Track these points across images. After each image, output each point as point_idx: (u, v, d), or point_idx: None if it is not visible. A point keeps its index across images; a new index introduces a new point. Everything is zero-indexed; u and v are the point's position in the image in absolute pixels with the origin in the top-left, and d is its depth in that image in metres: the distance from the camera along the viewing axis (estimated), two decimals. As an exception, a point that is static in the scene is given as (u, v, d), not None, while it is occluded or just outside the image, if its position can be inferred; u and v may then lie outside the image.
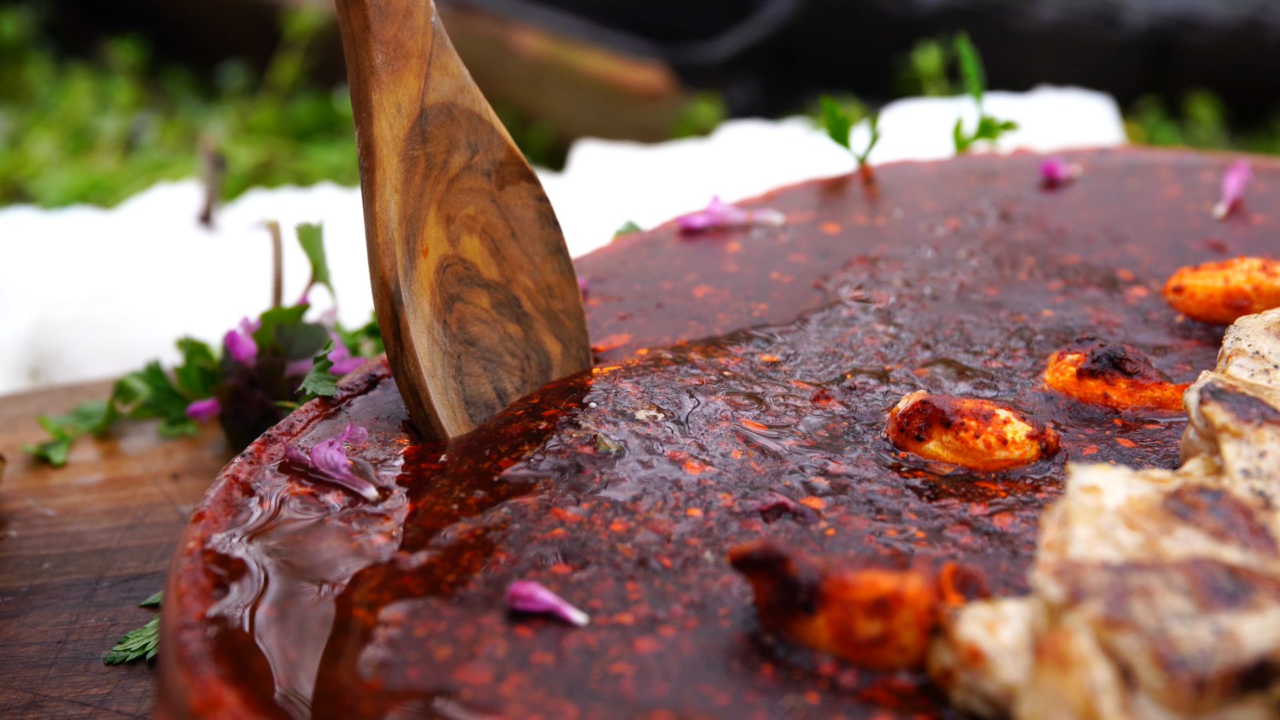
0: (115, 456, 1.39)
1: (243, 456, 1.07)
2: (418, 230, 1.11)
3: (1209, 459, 0.96)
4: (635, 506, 1.01)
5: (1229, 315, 1.19)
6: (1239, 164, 1.40)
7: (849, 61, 2.39)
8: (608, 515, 1.00)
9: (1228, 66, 2.39)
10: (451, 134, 1.13)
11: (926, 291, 1.27)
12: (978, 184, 1.43)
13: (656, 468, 1.04)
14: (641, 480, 1.03)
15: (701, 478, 1.04)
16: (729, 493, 1.02)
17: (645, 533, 0.99)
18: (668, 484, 1.03)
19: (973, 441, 1.05)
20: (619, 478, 1.04)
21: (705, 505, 1.01)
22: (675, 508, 1.01)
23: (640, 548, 0.98)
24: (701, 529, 0.99)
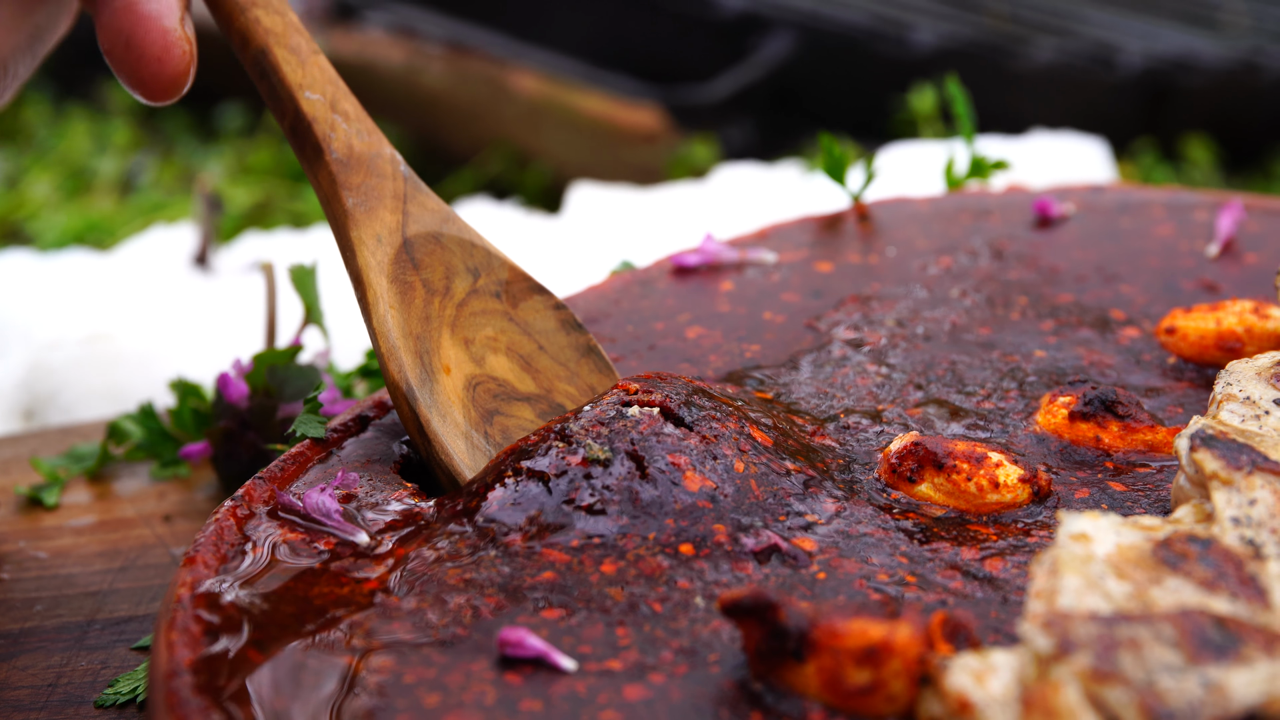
0: (108, 498, 1.38)
1: (233, 500, 1.07)
2: (431, 349, 1.12)
3: (1200, 505, 0.96)
4: (624, 543, 1.00)
5: (1221, 357, 1.19)
6: (1232, 203, 1.40)
7: (845, 103, 2.40)
8: (597, 555, 1.00)
9: (1223, 108, 2.39)
10: (446, 261, 1.14)
11: (919, 331, 1.27)
12: (971, 222, 1.43)
13: (653, 482, 1.03)
14: (634, 501, 1.02)
15: (698, 498, 1.03)
16: (723, 524, 1.02)
17: (636, 574, 0.98)
18: (662, 511, 1.02)
19: (965, 484, 1.05)
20: (610, 500, 1.03)
21: (698, 541, 1.01)
22: (666, 543, 1.00)
23: (630, 592, 0.97)
24: (693, 571, 0.99)
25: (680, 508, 1.02)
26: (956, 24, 2.37)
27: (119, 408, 1.58)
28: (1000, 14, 2.39)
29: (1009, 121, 2.30)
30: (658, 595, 0.97)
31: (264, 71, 1.14)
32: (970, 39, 2.37)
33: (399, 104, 2.51)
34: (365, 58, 2.52)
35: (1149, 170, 2.28)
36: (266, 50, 1.14)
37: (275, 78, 1.14)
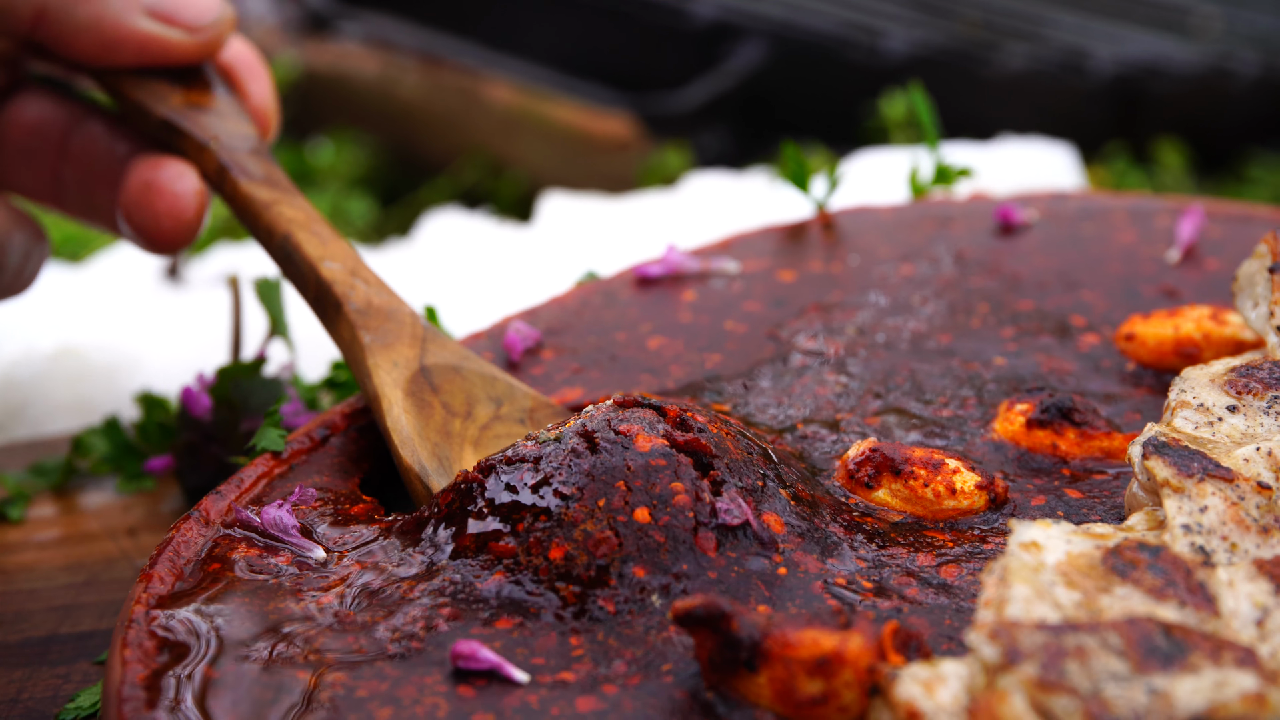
0: (73, 512, 1.38)
1: (191, 515, 1.07)
2: (452, 457, 1.13)
3: (1152, 513, 0.96)
4: (573, 516, 0.99)
5: (1179, 363, 1.19)
6: (1193, 209, 1.40)
7: (817, 110, 2.41)
8: (543, 539, 0.99)
9: (1194, 112, 2.40)
10: (467, 390, 1.16)
11: (879, 340, 1.27)
12: (934, 229, 1.44)
13: (604, 451, 1.02)
14: (585, 472, 1.01)
15: (650, 457, 1.01)
16: (681, 483, 1.01)
17: (587, 561, 0.98)
18: (615, 472, 1.01)
19: (922, 490, 1.05)
20: (553, 472, 1.01)
21: (655, 504, 1.00)
22: (620, 509, 0.99)
23: (581, 591, 0.97)
24: (649, 548, 0.98)
25: (633, 469, 1.02)
26: (928, 31, 2.37)
27: (86, 420, 1.58)
28: (972, 20, 2.39)
29: (981, 128, 2.30)
30: (609, 592, 0.97)
31: (288, 253, 1.21)
32: (942, 46, 2.37)
33: (374, 115, 2.51)
34: (340, 69, 2.52)
35: (1121, 175, 2.29)
36: (290, 235, 1.22)
37: (298, 255, 1.21)
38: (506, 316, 1.31)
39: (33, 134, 1.35)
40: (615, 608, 0.96)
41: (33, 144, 1.35)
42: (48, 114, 1.35)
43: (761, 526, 1.00)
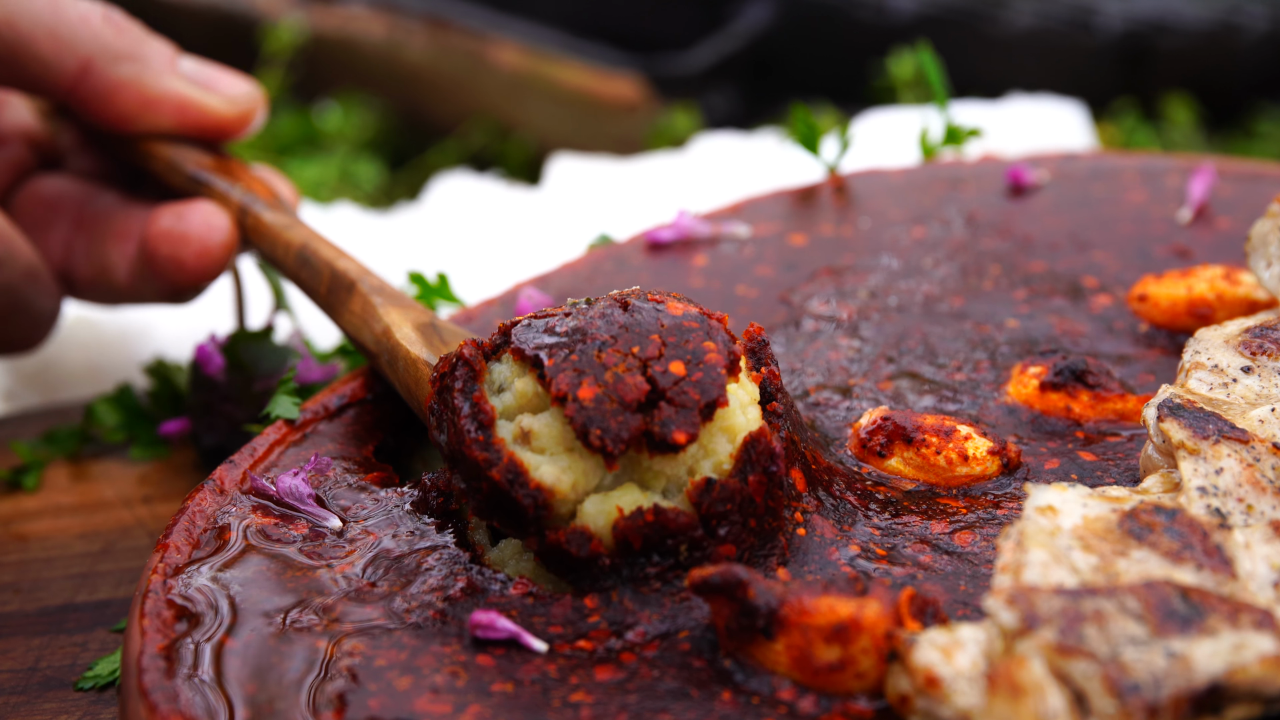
0: (88, 480, 1.39)
1: (206, 484, 1.07)
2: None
3: (1168, 475, 0.97)
4: (605, 358, 0.97)
5: (1193, 324, 1.19)
6: (1204, 168, 1.40)
7: (825, 70, 2.40)
8: (573, 378, 0.96)
9: (1203, 68, 2.39)
10: None
11: (892, 303, 1.27)
12: (944, 191, 1.43)
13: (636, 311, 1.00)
14: (620, 324, 0.99)
15: (683, 320, 1.00)
16: (713, 342, 0.99)
17: (615, 405, 0.95)
18: (649, 327, 0.99)
19: (934, 458, 1.05)
20: (586, 323, 0.99)
21: (689, 359, 0.98)
22: (655, 359, 0.97)
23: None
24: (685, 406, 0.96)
25: (667, 326, 1.00)
26: (935, -12, 2.36)
27: (98, 387, 1.58)
28: (980, -23, 2.38)
29: (989, 86, 2.29)
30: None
31: (305, 259, 1.25)
32: (949, 4, 2.36)
33: (380, 79, 2.50)
34: (346, 33, 2.51)
35: (1130, 132, 2.28)
36: (307, 243, 1.26)
37: (315, 258, 1.25)
38: (518, 283, 1.31)
39: (48, 208, 1.38)
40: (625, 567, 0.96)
41: (48, 217, 1.38)
42: (64, 189, 1.39)
43: (788, 481, 1.01)
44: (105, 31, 1.31)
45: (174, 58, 1.34)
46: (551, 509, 0.97)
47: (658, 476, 0.97)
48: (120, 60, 1.31)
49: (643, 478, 0.98)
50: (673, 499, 0.97)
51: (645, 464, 0.97)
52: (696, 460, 0.97)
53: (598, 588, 0.95)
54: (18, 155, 1.41)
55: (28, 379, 1.60)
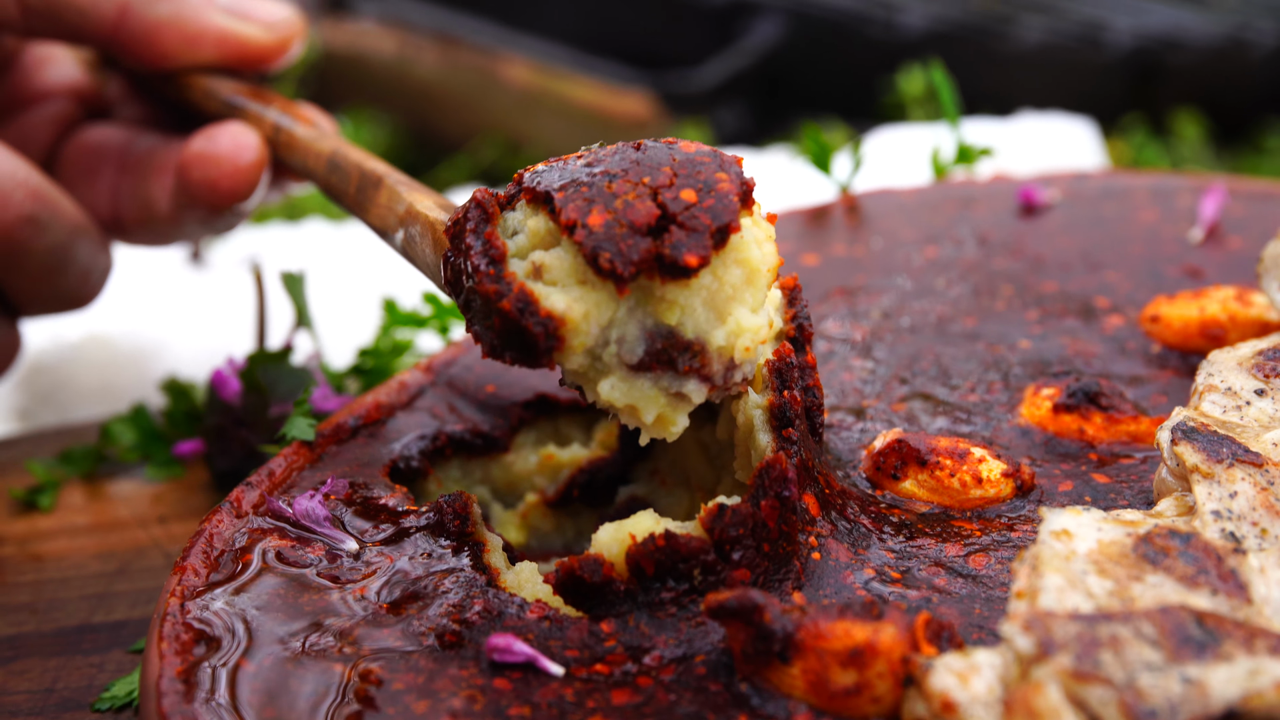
0: (103, 500, 1.39)
1: (223, 506, 1.08)
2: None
3: (1182, 498, 0.97)
4: (615, 188, 0.96)
5: (1205, 345, 1.19)
6: (1215, 187, 1.40)
7: (835, 85, 2.40)
8: (583, 207, 0.95)
9: (1212, 84, 2.39)
10: None
11: (905, 324, 1.27)
12: (956, 211, 1.44)
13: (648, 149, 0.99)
14: (632, 160, 0.98)
15: (696, 155, 0.99)
16: (726, 173, 0.98)
17: (625, 229, 0.95)
18: (661, 160, 0.98)
19: (948, 480, 1.06)
20: (596, 160, 0.98)
21: (700, 188, 0.97)
22: (666, 187, 0.96)
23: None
24: (696, 230, 0.95)
25: (678, 159, 0.98)
26: (945, 5, 2.37)
27: (114, 406, 1.59)
28: (989, -8, 2.39)
29: (999, 102, 2.30)
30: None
31: (335, 164, 1.26)
32: (959, 20, 2.37)
33: (391, 94, 2.52)
34: (357, 49, 2.52)
35: (1140, 147, 2.28)
36: (336, 150, 1.27)
37: (345, 161, 1.25)
38: (532, 303, 1.32)
39: (94, 156, 1.40)
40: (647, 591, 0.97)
41: (94, 165, 1.40)
42: (109, 137, 1.41)
43: (802, 506, 1.01)
44: None
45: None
46: (563, 340, 0.96)
47: (671, 308, 0.96)
48: (156, 0, 1.33)
49: (656, 310, 0.96)
50: (687, 334, 0.96)
51: (658, 293, 0.96)
52: (713, 294, 0.96)
53: (614, 613, 0.96)
54: (63, 110, 1.43)
55: (42, 397, 1.60)
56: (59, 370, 1.62)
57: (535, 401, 1.21)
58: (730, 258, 0.96)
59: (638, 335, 0.97)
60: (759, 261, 0.97)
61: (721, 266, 0.96)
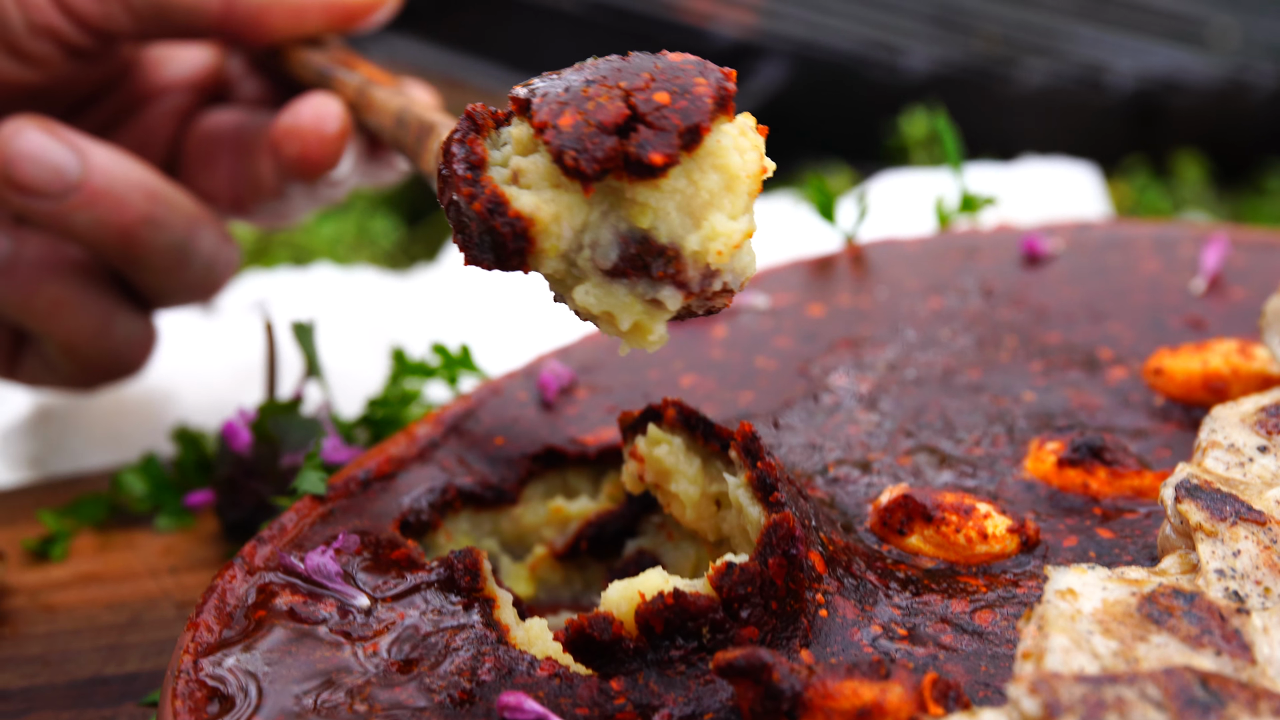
0: (114, 550, 1.40)
1: (235, 561, 1.09)
2: None
3: (1185, 556, 0.98)
4: (591, 93, 0.95)
5: (1208, 398, 1.20)
6: (1217, 237, 1.41)
7: (839, 128, 2.42)
8: (556, 109, 0.95)
9: (1213, 125, 2.41)
10: None
11: (910, 376, 1.28)
12: (960, 261, 1.45)
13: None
14: (615, 67, 0.97)
15: (682, 62, 0.97)
16: (705, 79, 0.96)
17: (593, 128, 0.94)
18: (644, 67, 0.97)
19: (954, 536, 1.07)
20: (585, 66, 0.98)
21: (675, 90, 0.95)
22: (640, 89, 0.95)
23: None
24: (664, 129, 0.93)
25: (660, 66, 0.96)
26: (948, 48, 2.39)
27: (123, 454, 1.60)
28: (991, 35, 2.40)
29: (1002, 144, 2.31)
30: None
31: (401, 120, 1.29)
32: (962, 64, 2.38)
33: (396, 134, 2.53)
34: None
35: (1141, 189, 2.30)
36: (404, 106, 1.29)
37: (408, 115, 1.28)
38: (540, 355, 1.33)
39: (213, 143, 1.47)
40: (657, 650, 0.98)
41: (213, 151, 1.46)
42: (224, 121, 1.47)
43: (808, 564, 1.02)
44: None
45: None
46: (534, 242, 0.96)
47: (643, 211, 0.95)
48: None
49: (629, 213, 0.96)
50: (661, 238, 0.95)
51: (629, 195, 0.95)
52: (688, 199, 0.95)
53: (623, 670, 0.97)
54: (182, 102, 1.50)
55: (52, 445, 1.61)
56: (69, 418, 1.63)
57: (543, 454, 1.22)
58: (707, 162, 0.95)
59: (611, 239, 0.96)
60: (738, 168, 0.95)
61: (697, 171, 0.95)
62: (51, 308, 1.41)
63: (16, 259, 1.40)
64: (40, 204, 1.34)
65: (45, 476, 1.58)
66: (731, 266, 0.97)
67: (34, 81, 1.40)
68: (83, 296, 1.42)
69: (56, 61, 1.40)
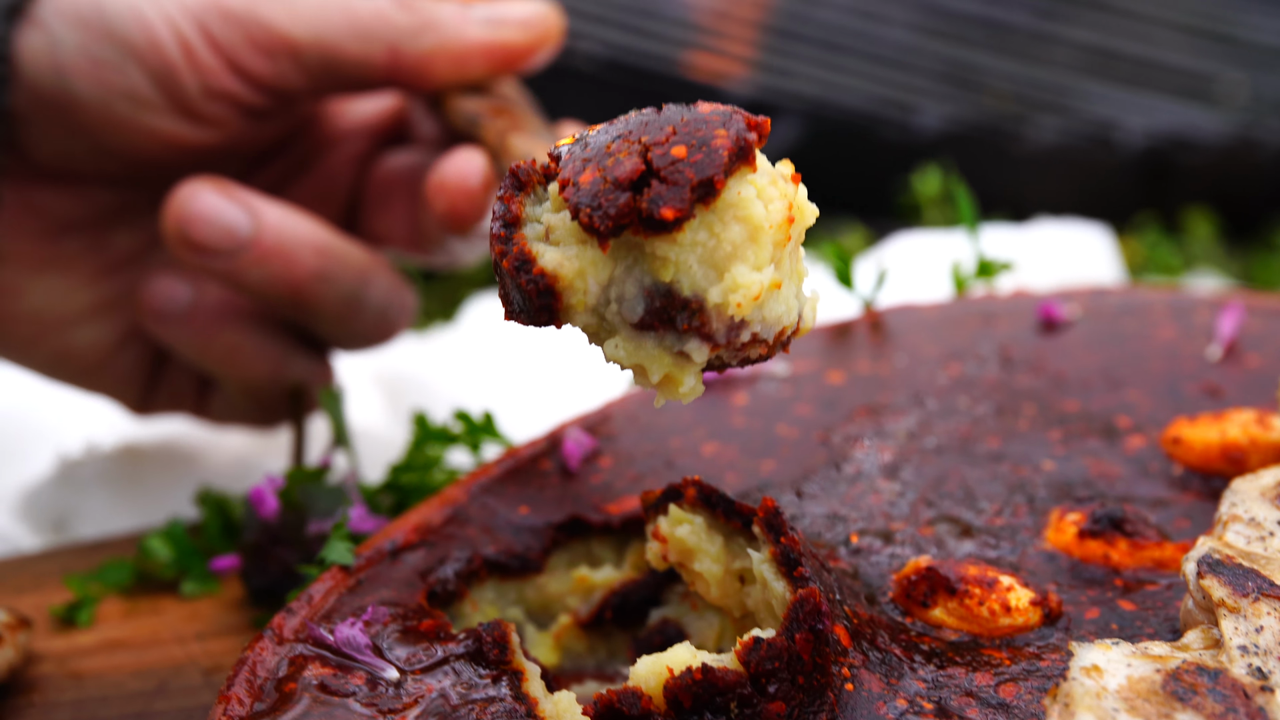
0: (140, 616, 1.41)
1: (265, 633, 1.10)
2: None
3: (1208, 631, 0.99)
4: (613, 148, 0.96)
5: (1226, 468, 1.22)
6: (1232, 304, 1.43)
7: (852, 186, 2.44)
8: (579, 168, 0.97)
9: (1222, 182, 2.43)
10: None
11: (930, 444, 1.30)
12: (978, 327, 1.46)
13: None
14: (643, 122, 0.98)
15: (710, 114, 0.97)
16: (726, 130, 0.96)
17: (609, 184, 0.95)
18: (669, 121, 0.97)
19: (977, 608, 1.08)
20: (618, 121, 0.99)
21: (693, 144, 0.95)
22: (659, 144, 0.95)
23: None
24: (678, 183, 0.94)
25: (685, 120, 0.97)
26: (960, 106, 2.41)
27: (147, 517, 1.61)
28: (1002, 93, 2.43)
29: (1014, 201, 2.33)
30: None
31: (498, 154, 1.37)
32: (973, 121, 2.40)
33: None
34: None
35: (1153, 246, 2.31)
36: (529, 152, 1.33)
37: (511, 151, 1.34)
38: (563, 423, 1.34)
39: (390, 186, 1.53)
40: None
41: (390, 194, 1.52)
42: (400, 163, 1.53)
43: (834, 637, 1.03)
44: (398, 16, 1.43)
45: (464, 10, 1.45)
46: (560, 297, 0.97)
47: (665, 265, 0.96)
48: (420, 34, 1.43)
49: (652, 267, 0.96)
50: (684, 291, 0.96)
51: (649, 250, 0.96)
52: (709, 251, 0.95)
53: (654, 744, 0.98)
54: (362, 148, 1.56)
55: (76, 508, 1.63)
56: (92, 481, 1.64)
57: (568, 523, 1.23)
58: (728, 214, 0.96)
59: (636, 293, 0.98)
60: (761, 219, 0.95)
61: (718, 223, 0.96)
62: (227, 353, 1.47)
63: (196, 307, 1.46)
64: (214, 262, 1.40)
65: (69, 541, 1.59)
66: (762, 317, 0.98)
67: (211, 142, 1.45)
68: (257, 342, 1.48)
69: (232, 122, 1.44)
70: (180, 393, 1.57)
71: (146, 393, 1.57)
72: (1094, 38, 2.59)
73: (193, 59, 1.40)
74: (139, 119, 1.41)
